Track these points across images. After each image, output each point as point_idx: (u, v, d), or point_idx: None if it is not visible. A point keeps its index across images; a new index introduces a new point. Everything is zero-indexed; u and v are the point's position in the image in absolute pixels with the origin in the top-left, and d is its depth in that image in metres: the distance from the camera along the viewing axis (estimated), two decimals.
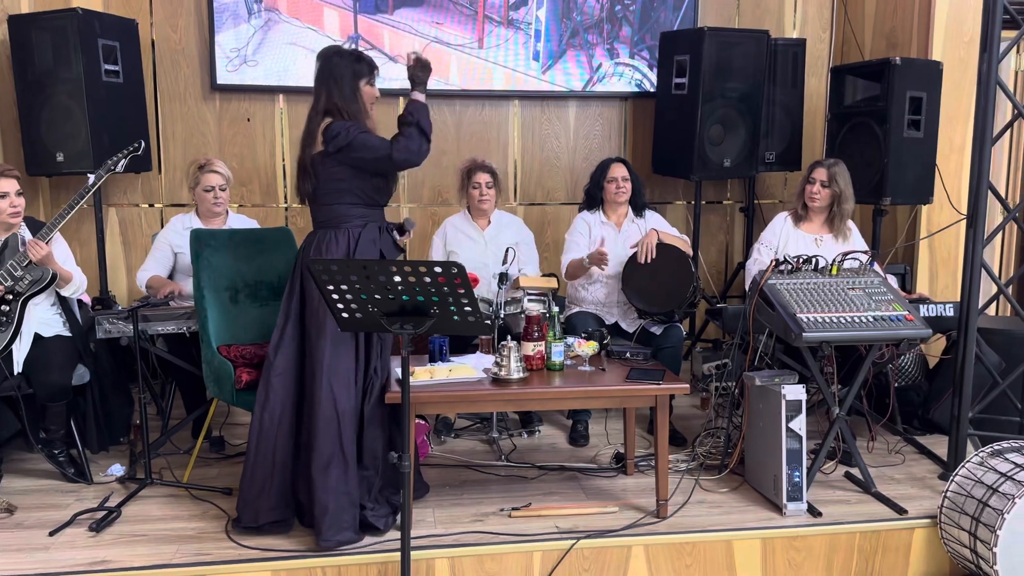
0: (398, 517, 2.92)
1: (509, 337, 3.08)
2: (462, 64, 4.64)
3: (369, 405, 2.89)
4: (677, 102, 4.65)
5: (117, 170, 3.37)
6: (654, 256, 3.74)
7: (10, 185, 3.24)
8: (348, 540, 2.82)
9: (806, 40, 5.00)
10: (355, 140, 2.79)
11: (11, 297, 3.20)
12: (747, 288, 3.67)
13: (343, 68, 2.85)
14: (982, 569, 2.81)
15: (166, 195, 4.76)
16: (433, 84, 4.74)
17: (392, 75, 4.58)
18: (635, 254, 3.78)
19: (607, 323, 3.87)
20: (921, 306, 3.73)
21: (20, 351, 3.25)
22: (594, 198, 4.02)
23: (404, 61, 2.95)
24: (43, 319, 3.33)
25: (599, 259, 3.71)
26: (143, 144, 3.45)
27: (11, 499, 3.17)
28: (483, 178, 3.97)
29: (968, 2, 4.47)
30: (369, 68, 2.90)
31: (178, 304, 3.52)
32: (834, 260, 3.38)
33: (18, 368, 3.23)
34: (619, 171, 3.95)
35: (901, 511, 3.11)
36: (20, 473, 3.44)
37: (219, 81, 4.65)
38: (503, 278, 3.57)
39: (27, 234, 3.35)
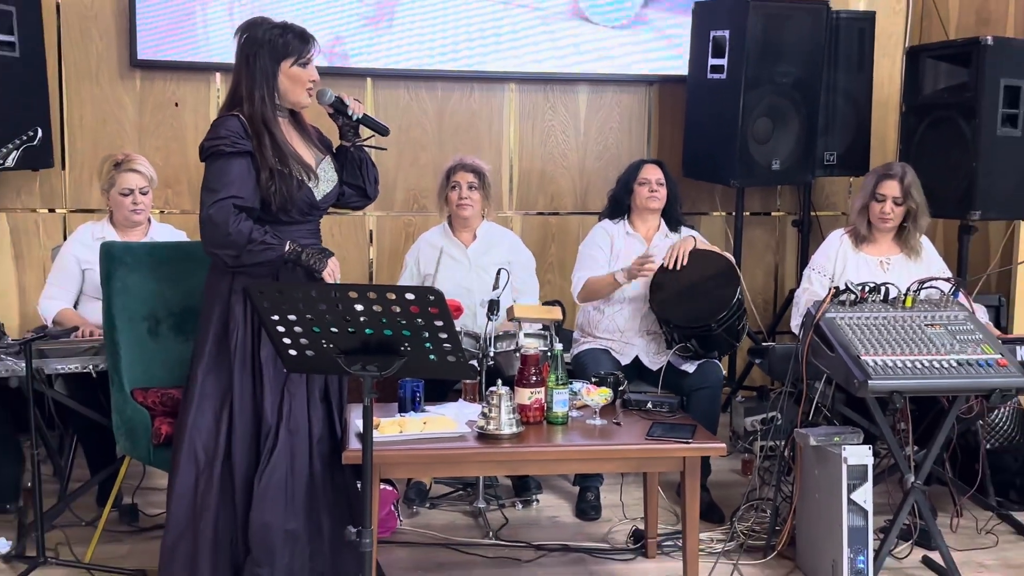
0: None
1: (500, 382, 3.10)
2: None
3: (265, 472, 2.80)
4: (714, 89, 4.70)
5: (7, 164, 3.37)
6: (686, 263, 3.80)
7: None
8: None
9: (875, 13, 5.06)
10: (209, 158, 2.78)
11: None
12: (798, 324, 3.71)
13: (257, 45, 2.80)
14: None
15: (71, 198, 4.78)
16: (410, 64, 4.87)
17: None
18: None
19: (625, 361, 3.91)
20: (1019, 348, 3.76)
21: None
22: (620, 203, 4.11)
23: None
24: None
25: (641, 267, 3.75)
26: (39, 132, 3.45)
27: None
28: (465, 177, 4.02)
29: None
30: (300, 44, 2.83)
31: (84, 336, 3.53)
32: (909, 288, 3.42)
33: None
34: (653, 173, 4.06)
35: None
36: None
37: (141, 56, 4.69)
38: (493, 306, 3.60)
39: None
